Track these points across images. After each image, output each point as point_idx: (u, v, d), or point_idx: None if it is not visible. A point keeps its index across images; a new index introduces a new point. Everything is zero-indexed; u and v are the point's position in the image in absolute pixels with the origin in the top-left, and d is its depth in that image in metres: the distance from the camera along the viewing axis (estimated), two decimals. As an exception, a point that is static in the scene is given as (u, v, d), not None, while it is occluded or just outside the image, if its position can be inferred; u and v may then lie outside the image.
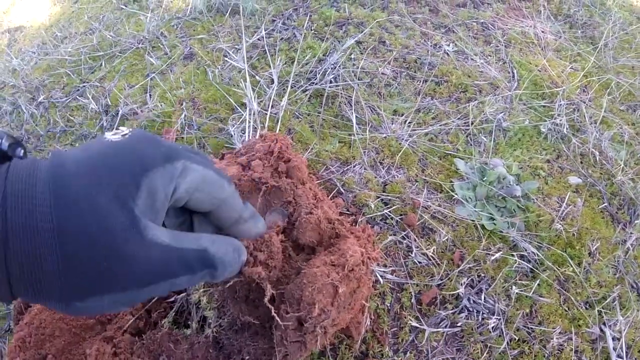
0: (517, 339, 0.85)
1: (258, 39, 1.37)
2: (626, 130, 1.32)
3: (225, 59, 1.30)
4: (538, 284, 0.92)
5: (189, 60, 1.37)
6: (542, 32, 1.58)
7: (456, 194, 1.00)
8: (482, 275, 0.91)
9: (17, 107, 1.40)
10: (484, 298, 0.88)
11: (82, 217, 0.28)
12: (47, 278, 0.28)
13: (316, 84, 1.19)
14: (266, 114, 1.10)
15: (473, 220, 0.97)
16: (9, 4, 2.30)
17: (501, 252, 0.93)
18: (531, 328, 0.87)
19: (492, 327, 0.86)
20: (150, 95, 1.29)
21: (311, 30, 1.39)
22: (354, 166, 1.03)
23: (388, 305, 0.86)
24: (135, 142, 0.32)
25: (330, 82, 1.19)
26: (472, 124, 1.16)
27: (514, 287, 0.90)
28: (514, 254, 0.94)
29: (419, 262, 0.91)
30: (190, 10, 1.55)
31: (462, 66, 1.32)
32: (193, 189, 0.34)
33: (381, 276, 0.87)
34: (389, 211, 0.96)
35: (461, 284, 0.89)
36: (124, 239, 0.29)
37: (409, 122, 1.14)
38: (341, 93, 1.18)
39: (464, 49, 1.39)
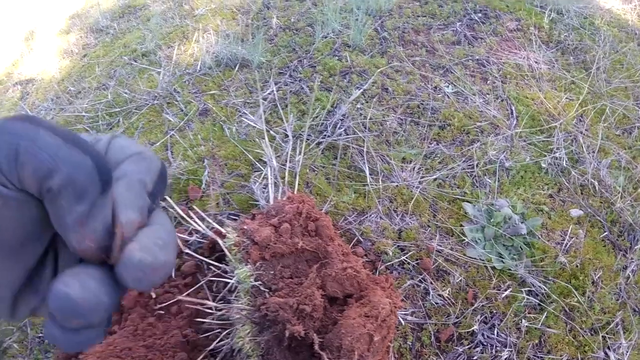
0: (529, 368, 1.00)
1: (269, 93, 1.54)
2: (623, 155, 1.48)
3: (241, 117, 1.47)
4: (546, 316, 1.07)
5: (204, 117, 1.54)
6: (536, 62, 1.75)
7: (466, 236, 1.16)
8: (494, 311, 1.06)
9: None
10: (497, 332, 1.03)
11: None
12: None
13: (328, 136, 1.36)
14: (284, 168, 1.26)
15: (483, 261, 1.13)
16: (17, 56, 2.48)
17: (510, 289, 1.09)
18: (541, 357, 1.02)
19: (505, 359, 1.00)
20: (171, 152, 1.46)
21: (317, 81, 1.56)
22: (370, 215, 1.19)
23: (410, 344, 1.01)
24: None
25: (341, 134, 1.35)
26: (476, 166, 1.32)
27: (523, 320, 1.05)
28: (523, 289, 1.10)
29: (436, 303, 1.06)
30: (200, 65, 1.72)
31: (462, 108, 1.49)
32: None
33: (402, 318, 1.02)
34: (406, 257, 1.11)
35: (475, 321, 1.04)
36: None
37: (418, 169, 1.30)
38: (352, 145, 1.34)
39: (462, 89, 1.56)
